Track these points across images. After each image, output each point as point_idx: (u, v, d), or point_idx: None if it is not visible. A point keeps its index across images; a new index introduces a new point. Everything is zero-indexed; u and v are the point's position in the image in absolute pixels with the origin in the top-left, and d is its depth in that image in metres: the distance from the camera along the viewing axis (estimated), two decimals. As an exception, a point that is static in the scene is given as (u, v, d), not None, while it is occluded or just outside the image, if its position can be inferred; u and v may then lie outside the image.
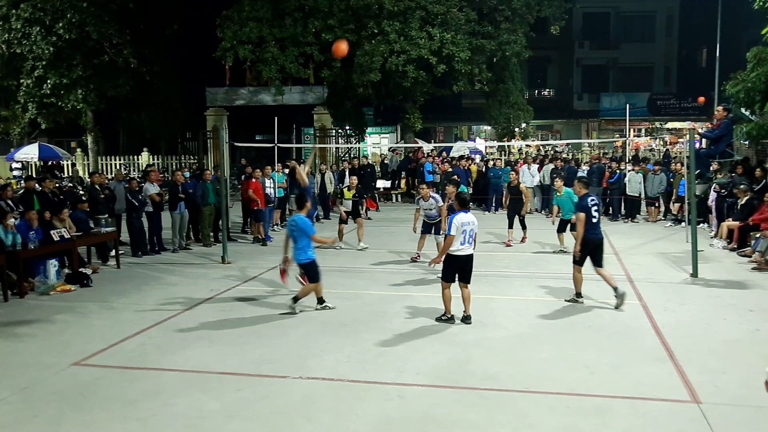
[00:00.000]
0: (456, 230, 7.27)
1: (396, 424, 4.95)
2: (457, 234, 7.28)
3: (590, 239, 8.04)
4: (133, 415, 5.16)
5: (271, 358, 6.46)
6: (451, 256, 7.40)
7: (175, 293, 9.29)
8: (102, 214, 11.88)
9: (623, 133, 25.26)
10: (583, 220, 7.90)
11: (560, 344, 6.76)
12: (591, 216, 7.90)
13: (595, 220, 7.95)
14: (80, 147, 27.80)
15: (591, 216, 7.90)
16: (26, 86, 22.72)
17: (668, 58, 38.01)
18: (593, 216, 7.94)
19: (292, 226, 8.00)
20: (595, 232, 7.96)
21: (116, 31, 22.58)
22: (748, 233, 11.67)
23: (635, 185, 16.22)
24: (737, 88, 13.81)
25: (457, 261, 7.40)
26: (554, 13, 24.32)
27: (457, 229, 7.26)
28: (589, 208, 7.94)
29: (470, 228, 7.37)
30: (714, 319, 7.66)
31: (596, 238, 8.01)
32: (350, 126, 26.43)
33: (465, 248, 7.36)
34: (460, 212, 7.44)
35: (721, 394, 5.38)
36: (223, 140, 12.37)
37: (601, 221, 8.54)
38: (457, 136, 37.77)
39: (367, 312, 8.11)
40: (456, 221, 7.31)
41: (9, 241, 9.36)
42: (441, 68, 21.55)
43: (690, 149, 10.44)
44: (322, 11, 21.70)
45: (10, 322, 7.90)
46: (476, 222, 7.51)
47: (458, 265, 7.43)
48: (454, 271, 7.48)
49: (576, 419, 4.97)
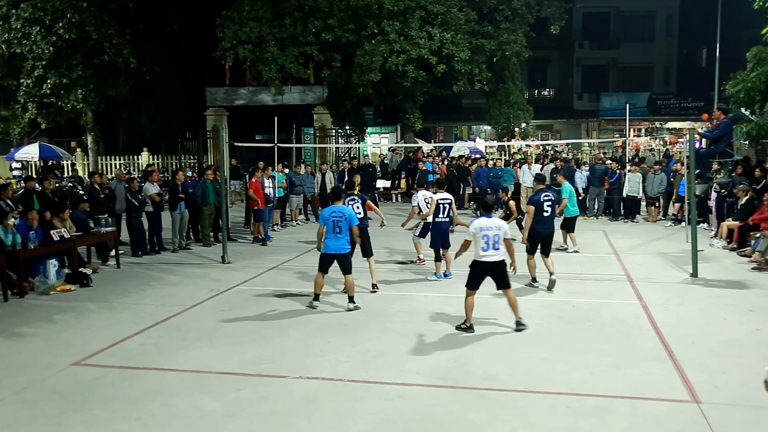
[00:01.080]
0: (473, 236, 7.10)
1: (396, 424, 4.96)
2: (476, 240, 7.08)
3: (539, 232, 8.73)
4: (133, 415, 5.16)
5: (271, 358, 6.46)
6: (476, 262, 7.16)
7: (175, 293, 9.29)
8: (102, 214, 11.88)
9: (623, 133, 25.25)
10: (532, 213, 8.30)
11: (560, 344, 6.77)
12: (542, 210, 8.19)
13: (546, 215, 8.24)
14: (80, 147, 27.78)
15: (542, 210, 8.19)
16: (26, 86, 22.68)
17: (668, 58, 37.98)
18: (545, 210, 8.21)
19: (339, 216, 8.20)
20: (545, 226, 8.22)
21: (116, 31, 22.53)
22: (748, 233, 11.68)
23: (635, 185, 16.23)
24: (737, 88, 13.81)
25: (482, 268, 7.14)
26: (554, 13, 24.29)
27: (475, 235, 7.08)
28: (541, 203, 8.33)
29: (492, 233, 7.06)
30: (714, 319, 7.67)
31: (546, 231, 8.33)
32: (350, 126, 26.42)
33: (489, 254, 7.07)
34: (482, 217, 7.27)
35: (720, 394, 5.38)
36: (223, 140, 12.37)
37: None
38: (457, 136, 37.75)
39: (367, 312, 8.11)
40: (474, 225, 7.15)
41: (9, 241, 9.36)
42: (441, 68, 21.53)
43: (690, 149, 10.44)
44: (322, 11, 21.68)
45: (10, 322, 7.91)
46: (502, 227, 7.20)
47: (484, 273, 7.17)
48: (478, 279, 7.19)
49: (576, 419, 4.97)
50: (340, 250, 8.21)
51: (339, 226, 8.15)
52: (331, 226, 8.15)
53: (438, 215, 9.93)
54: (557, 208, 9.12)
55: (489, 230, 7.09)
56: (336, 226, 8.14)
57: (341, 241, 8.20)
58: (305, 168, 17.59)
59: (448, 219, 10.02)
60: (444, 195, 10.14)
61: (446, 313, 7.96)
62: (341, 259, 8.25)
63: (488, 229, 7.09)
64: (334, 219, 8.13)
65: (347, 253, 8.30)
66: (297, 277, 10.33)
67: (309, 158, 28.70)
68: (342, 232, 8.17)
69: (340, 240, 8.18)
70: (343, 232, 8.19)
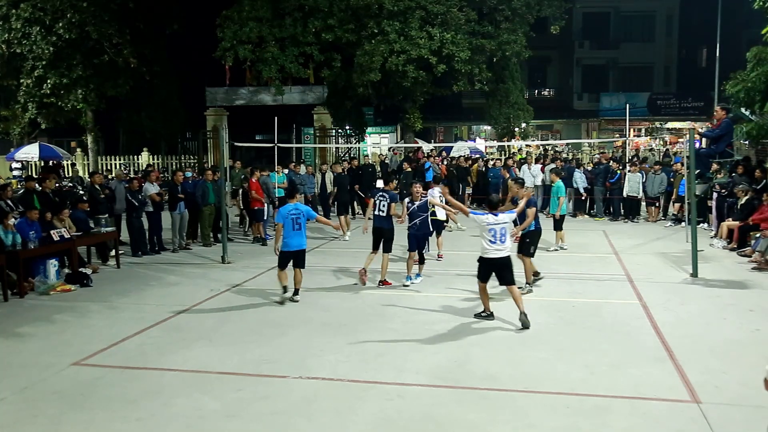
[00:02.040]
0: (480, 230, 7.41)
1: (396, 424, 4.95)
2: (482, 235, 7.39)
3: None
4: (133, 415, 5.16)
5: (271, 358, 6.46)
6: (482, 258, 7.47)
7: (175, 293, 9.29)
8: (102, 214, 11.88)
9: (623, 133, 25.26)
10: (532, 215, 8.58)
11: (560, 344, 6.76)
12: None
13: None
14: (80, 147, 27.79)
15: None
16: (26, 86, 22.68)
17: (668, 58, 37.96)
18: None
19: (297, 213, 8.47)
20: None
21: (116, 31, 22.53)
22: (748, 233, 11.68)
23: (635, 185, 16.22)
24: (737, 88, 13.79)
25: (488, 265, 7.45)
26: (554, 13, 24.29)
27: (481, 230, 7.38)
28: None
29: (500, 227, 7.33)
30: (714, 319, 7.67)
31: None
32: (350, 126, 26.42)
33: (495, 248, 7.33)
34: (489, 214, 7.47)
35: (721, 394, 5.38)
36: (223, 140, 12.36)
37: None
38: (457, 136, 37.75)
39: (367, 312, 8.11)
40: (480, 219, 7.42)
41: (9, 241, 9.36)
42: (441, 68, 21.53)
43: (690, 149, 10.44)
44: (322, 11, 21.67)
45: (10, 322, 7.91)
46: (509, 220, 7.50)
47: (490, 269, 7.47)
48: (485, 273, 7.50)
49: (576, 419, 4.97)
50: (300, 246, 8.55)
51: (298, 223, 8.46)
52: (291, 223, 8.40)
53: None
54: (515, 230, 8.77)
55: (496, 225, 7.34)
56: (295, 224, 8.43)
57: (301, 238, 8.53)
58: (306, 168, 17.56)
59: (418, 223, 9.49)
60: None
61: (446, 313, 7.96)
62: (299, 254, 8.58)
63: (495, 224, 7.34)
64: (293, 216, 8.41)
65: (305, 250, 8.68)
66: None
67: (309, 158, 28.72)
68: (301, 229, 8.50)
69: (300, 237, 8.52)
70: (302, 228, 8.52)
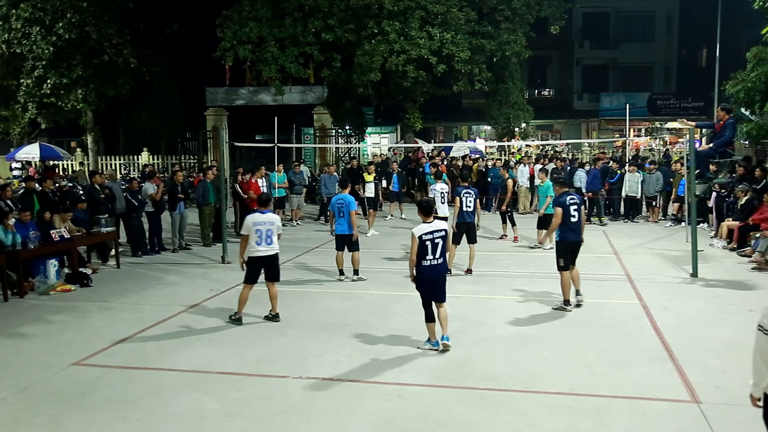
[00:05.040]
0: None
1: (396, 424, 4.95)
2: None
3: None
4: (133, 415, 5.16)
5: (271, 358, 6.46)
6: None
7: (175, 293, 9.29)
8: (102, 214, 11.88)
9: (623, 133, 25.26)
10: (560, 215, 8.46)
11: (560, 344, 6.76)
12: (570, 215, 8.41)
13: (574, 220, 8.34)
14: (80, 147, 27.79)
15: (570, 215, 8.41)
16: (26, 86, 22.68)
17: (668, 58, 37.98)
18: (572, 215, 8.38)
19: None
20: (575, 234, 8.45)
21: (116, 31, 22.54)
22: (748, 233, 11.67)
23: (634, 185, 16.22)
24: (737, 88, 13.79)
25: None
26: (554, 13, 24.28)
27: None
28: (568, 206, 8.49)
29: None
30: (714, 319, 7.67)
31: (576, 240, 8.49)
32: (350, 126, 26.42)
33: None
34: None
35: (721, 394, 5.38)
36: (223, 140, 12.38)
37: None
38: (457, 136, 37.75)
39: (367, 312, 8.11)
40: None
41: (9, 241, 9.36)
42: (441, 68, 21.52)
43: (690, 149, 10.41)
44: (322, 11, 21.67)
45: (10, 322, 7.91)
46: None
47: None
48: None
49: (576, 419, 4.97)
50: (343, 232, 8.59)
51: (342, 212, 8.46)
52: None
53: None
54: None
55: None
56: (340, 212, 8.38)
57: (343, 225, 8.59)
58: (328, 168, 17.53)
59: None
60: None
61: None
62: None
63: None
64: (338, 205, 8.32)
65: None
66: (297, 276, 10.33)
67: (309, 158, 28.73)
68: (344, 216, 8.56)
69: (343, 224, 8.60)
70: (346, 216, 8.55)
